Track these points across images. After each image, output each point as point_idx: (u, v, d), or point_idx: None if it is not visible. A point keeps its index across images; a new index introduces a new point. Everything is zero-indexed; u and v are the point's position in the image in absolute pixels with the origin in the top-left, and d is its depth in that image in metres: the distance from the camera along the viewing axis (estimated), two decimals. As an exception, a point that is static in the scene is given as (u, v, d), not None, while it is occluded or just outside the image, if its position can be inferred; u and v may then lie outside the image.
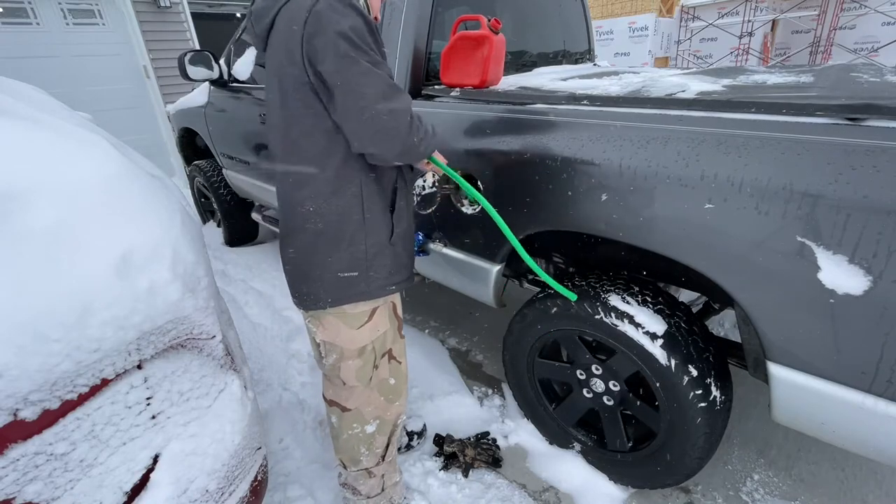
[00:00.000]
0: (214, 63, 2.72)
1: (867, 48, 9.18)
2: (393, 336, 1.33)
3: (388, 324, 1.30)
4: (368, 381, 1.30)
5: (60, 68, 5.05)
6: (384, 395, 1.35)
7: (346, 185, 1.12)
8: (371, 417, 1.35)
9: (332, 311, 1.20)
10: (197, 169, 3.68)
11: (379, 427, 1.37)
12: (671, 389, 1.32)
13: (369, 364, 1.28)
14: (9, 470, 0.70)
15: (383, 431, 1.39)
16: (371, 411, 1.34)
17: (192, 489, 0.89)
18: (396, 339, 1.35)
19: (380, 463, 1.40)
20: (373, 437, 1.37)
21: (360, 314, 1.22)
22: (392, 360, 1.35)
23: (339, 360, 1.27)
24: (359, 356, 1.26)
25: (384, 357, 1.32)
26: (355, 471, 1.40)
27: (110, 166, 0.91)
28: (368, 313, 1.23)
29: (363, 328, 1.23)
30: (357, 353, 1.26)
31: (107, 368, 0.79)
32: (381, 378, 1.33)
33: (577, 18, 2.74)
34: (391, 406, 1.38)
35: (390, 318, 1.31)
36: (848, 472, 1.67)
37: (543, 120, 1.40)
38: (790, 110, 1.04)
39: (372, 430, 1.36)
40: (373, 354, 1.28)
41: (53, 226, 0.75)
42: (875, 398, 1.00)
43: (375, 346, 1.28)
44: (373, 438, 1.37)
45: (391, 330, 1.32)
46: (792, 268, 1.01)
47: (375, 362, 1.29)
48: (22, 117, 0.92)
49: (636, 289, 1.45)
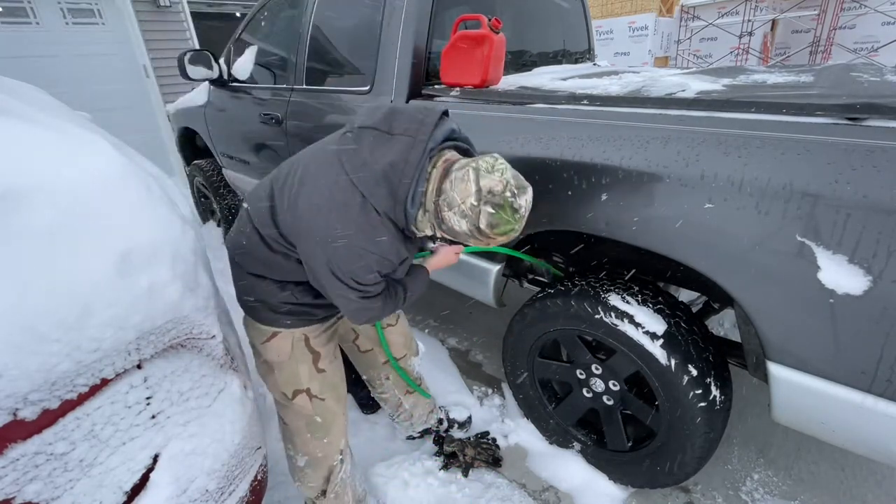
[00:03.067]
0: (214, 63, 2.71)
1: (867, 48, 9.17)
2: (308, 374, 1.25)
3: (290, 356, 1.22)
4: (287, 400, 1.26)
5: (60, 68, 5.04)
6: (310, 432, 1.28)
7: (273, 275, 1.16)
8: (300, 450, 1.30)
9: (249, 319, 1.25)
10: (197, 169, 3.67)
11: (309, 463, 1.31)
12: (671, 389, 1.32)
13: (277, 387, 1.26)
14: (9, 470, 0.70)
15: (315, 468, 1.32)
16: (298, 443, 1.30)
17: (192, 489, 0.89)
18: (313, 376, 1.25)
19: (320, 498, 1.36)
20: (304, 471, 1.32)
21: (262, 330, 1.22)
22: (314, 399, 1.26)
23: (264, 371, 1.28)
24: (270, 372, 1.25)
25: (302, 394, 1.25)
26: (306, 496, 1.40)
27: (110, 166, 0.91)
28: (269, 334, 1.21)
29: (265, 345, 1.22)
30: (269, 368, 1.25)
31: (106, 368, 0.79)
32: (304, 413, 1.26)
33: (577, 18, 2.74)
34: (320, 443, 1.29)
35: (296, 351, 1.23)
36: (848, 472, 1.67)
37: (543, 120, 1.39)
38: (790, 110, 1.04)
39: (302, 465, 1.31)
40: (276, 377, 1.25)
41: (53, 226, 0.75)
42: (875, 398, 1.00)
43: (277, 371, 1.24)
44: (304, 473, 1.32)
45: (303, 367, 1.24)
46: (792, 267, 1.01)
47: (282, 389, 1.25)
48: (22, 117, 0.92)
49: (636, 288, 1.45)
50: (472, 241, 0.99)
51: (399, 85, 1.80)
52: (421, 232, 1.06)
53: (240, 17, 6.59)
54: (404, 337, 1.63)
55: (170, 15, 5.62)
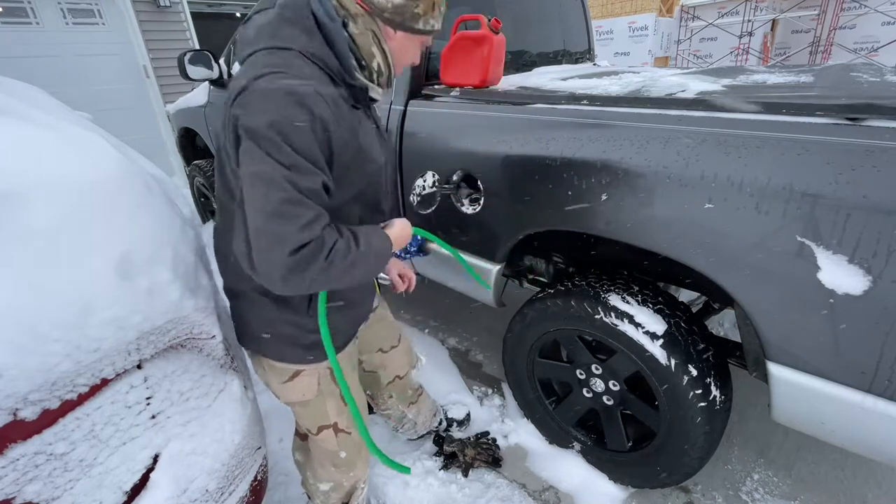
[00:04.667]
0: (214, 63, 2.71)
1: (867, 48, 9.17)
2: (336, 409, 1.18)
3: (317, 392, 1.14)
4: (313, 434, 1.20)
5: (60, 68, 5.04)
6: (335, 467, 1.25)
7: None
8: (324, 479, 1.29)
9: (262, 358, 1.10)
10: (197, 169, 3.68)
11: (334, 488, 1.30)
12: (671, 389, 1.32)
13: (303, 424, 1.21)
14: (9, 470, 0.70)
15: (339, 492, 1.32)
16: (323, 474, 1.28)
17: (192, 489, 0.89)
18: (341, 410, 1.19)
19: None
20: (328, 494, 1.32)
21: (282, 370, 1.10)
22: (340, 433, 1.20)
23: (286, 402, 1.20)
24: (294, 408, 1.19)
25: (328, 429, 1.18)
26: None
27: (110, 166, 0.91)
28: (291, 373, 1.09)
29: (286, 385, 1.11)
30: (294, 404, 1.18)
31: (106, 368, 0.79)
32: (329, 449, 1.21)
33: (576, 18, 2.74)
34: (346, 475, 1.28)
35: (323, 387, 1.14)
36: (848, 472, 1.67)
37: (543, 120, 1.39)
38: (790, 110, 1.04)
39: (325, 489, 1.30)
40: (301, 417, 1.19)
41: (53, 226, 0.75)
42: (875, 398, 1.00)
43: (302, 410, 1.18)
44: (327, 496, 1.32)
45: (331, 401, 1.16)
46: (792, 267, 1.01)
47: (307, 427, 1.20)
48: (22, 117, 0.92)
49: (636, 288, 1.45)
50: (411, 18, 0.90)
51: (399, 85, 1.80)
52: (368, 63, 0.93)
53: (240, 17, 6.59)
54: (408, 355, 1.61)
55: (170, 15, 5.63)
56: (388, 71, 0.98)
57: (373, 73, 0.96)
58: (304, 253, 0.76)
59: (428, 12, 0.93)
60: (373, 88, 0.97)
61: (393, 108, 1.79)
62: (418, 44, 1.00)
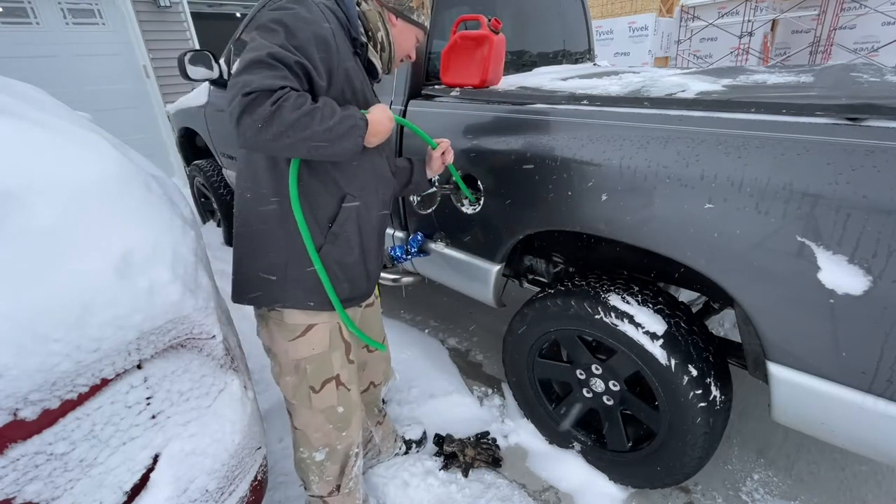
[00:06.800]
0: (214, 63, 2.71)
1: (867, 48, 9.18)
2: (341, 361, 1.24)
3: (328, 346, 1.20)
4: (308, 402, 1.23)
5: (60, 68, 5.05)
6: (332, 423, 1.27)
7: (268, 193, 1.06)
8: (319, 444, 1.29)
9: (272, 315, 1.16)
10: (197, 169, 3.68)
11: (329, 455, 1.31)
12: (671, 389, 1.32)
13: (304, 384, 1.21)
14: (9, 470, 0.70)
15: (334, 460, 1.32)
16: (319, 438, 1.28)
17: (192, 489, 0.89)
18: (344, 364, 1.25)
19: (334, 493, 1.35)
20: (322, 465, 1.31)
21: (294, 326, 1.15)
22: (340, 387, 1.25)
23: (279, 373, 1.23)
24: (294, 372, 1.20)
25: (331, 383, 1.23)
26: (310, 496, 1.37)
27: (110, 166, 0.91)
28: (303, 328, 1.15)
29: (296, 342, 1.16)
30: (292, 368, 1.20)
31: (106, 368, 0.79)
32: (327, 404, 1.24)
33: (576, 18, 2.74)
34: (340, 435, 1.29)
35: (332, 340, 1.21)
36: (848, 472, 1.67)
37: (543, 120, 1.39)
38: (790, 110, 1.04)
39: (321, 459, 1.30)
40: (305, 374, 1.20)
41: (53, 226, 0.75)
42: (875, 398, 1.00)
43: (309, 366, 1.20)
44: (322, 467, 1.32)
45: (336, 354, 1.22)
46: (792, 268, 1.01)
47: (310, 383, 1.21)
48: (22, 117, 0.92)
49: (636, 289, 1.45)
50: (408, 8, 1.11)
51: (398, 85, 1.80)
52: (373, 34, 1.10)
53: (240, 17, 6.59)
54: (387, 363, 1.63)
55: (170, 15, 5.63)
56: (388, 48, 1.13)
57: (377, 44, 1.12)
58: (255, 96, 0.84)
59: (419, 7, 1.15)
60: (373, 53, 1.12)
61: (393, 109, 1.79)
62: (413, 35, 1.18)
